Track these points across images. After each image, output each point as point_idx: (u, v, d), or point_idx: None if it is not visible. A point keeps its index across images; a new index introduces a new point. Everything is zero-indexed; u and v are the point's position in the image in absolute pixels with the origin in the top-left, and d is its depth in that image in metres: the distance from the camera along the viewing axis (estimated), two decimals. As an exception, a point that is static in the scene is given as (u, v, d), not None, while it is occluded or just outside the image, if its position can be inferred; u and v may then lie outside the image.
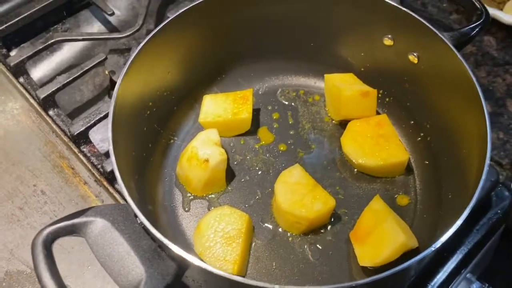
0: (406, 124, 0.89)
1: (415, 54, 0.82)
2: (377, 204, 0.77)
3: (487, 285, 0.86)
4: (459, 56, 0.72)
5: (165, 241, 0.56)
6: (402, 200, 0.82)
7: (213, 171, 0.79)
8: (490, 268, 0.93)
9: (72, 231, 0.59)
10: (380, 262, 0.71)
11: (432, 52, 0.78)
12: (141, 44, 0.76)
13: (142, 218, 0.58)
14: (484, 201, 0.85)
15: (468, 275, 0.84)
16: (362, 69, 0.92)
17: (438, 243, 0.59)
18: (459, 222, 0.59)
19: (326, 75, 0.90)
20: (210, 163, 0.78)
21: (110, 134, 0.66)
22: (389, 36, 0.84)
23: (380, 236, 0.72)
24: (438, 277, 0.79)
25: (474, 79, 0.69)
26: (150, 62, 0.79)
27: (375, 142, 0.83)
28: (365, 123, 0.85)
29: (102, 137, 0.95)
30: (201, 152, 0.79)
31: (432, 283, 0.78)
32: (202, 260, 0.71)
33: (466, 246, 0.82)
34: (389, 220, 0.72)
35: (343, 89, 0.85)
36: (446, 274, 0.79)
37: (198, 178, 0.80)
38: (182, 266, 0.58)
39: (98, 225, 0.59)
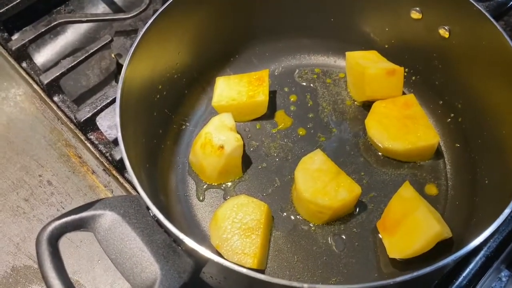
0: (435, 105, 0.83)
1: (446, 28, 0.76)
2: (406, 191, 0.71)
3: (516, 274, 0.81)
4: (498, 27, 0.65)
5: (181, 235, 0.51)
6: (431, 190, 0.77)
7: (229, 158, 0.74)
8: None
9: (79, 225, 0.54)
10: (412, 253, 0.66)
11: (466, 24, 0.72)
12: (148, 23, 0.70)
13: (155, 210, 0.53)
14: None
15: (498, 264, 0.79)
16: (386, 46, 0.85)
17: (483, 236, 0.53)
18: (507, 211, 0.53)
19: (347, 53, 0.83)
20: (226, 150, 0.73)
21: (118, 119, 0.61)
22: (417, 8, 0.78)
23: (411, 226, 0.67)
24: (470, 267, 0.73)
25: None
26: (158, 42, 0.73)
27: (402, 124, 0.77)
28: (391, 104, 0.79)
29: (110, 123, 0.90)
30: (215, 138, 0.74)
31: (464, 274, 0.73)
32: (219, 253, 0.67)
33: (500, 234, 0.76)
34: (421, 209, 0.67)
35: (367, 67, 0.79)
36: (479, 264, 0.74)
37: (213, 166, 0.75)
38: (199, 262, 0.53)
39: (108, 218, 0.54)
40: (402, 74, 0.80)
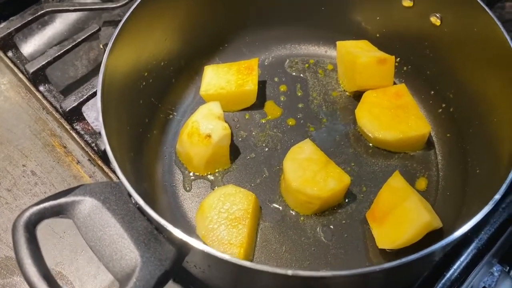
0: (426, 95, 0.82)
1: (437, 15, 0.74)
2: (396, 181, 0.70)
3: (508, 268, 0.80)
4: (491, 14, 0.64)
5: (163, 221, 0.50)
6: (420, 185, 0.75)
7: (216, 147, 0.73)
8: (510, 251, 0.86)
9: (58, 211, 0.53)
10: (401, 244, 0.65)
11: (458, 11, 0.70)
12: (131, 9, 0.69)
13: (136, 196, 0.52)
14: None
15: (490, 258, 0.77)
16: (378, 35, 0.84)
17: (471, 223, 0.52)
18: (497, 197, 0.52)
19: (338, 42, 0.82)
20: (213, 139, 0.71)
21: (99, 105, 0.59)
22: (409, -4, 0.76)
23: (401, 216, 0.65)
24: (461, 259, 0.72)
25: (509, 39, 0.62)
26: (145, 27, 0.72)
27: (393, 114, 0.76)
28: (382, 94, 0.78)
29: (96, 114, 0.88)
30: (202, 127, 0.72)
31: (455, 266, 0.71)
32: (205, 243, 0.65)
33: (491, 226, 0.75)
34: (411, 198, 0.66)
35: (358, 56, 0.77)
36: (470, 256, 0.73)
37: (200, 155, 0.73)
38: (182, 250, 0.52)
39: (87, 205, 0.53)
40: (393, 63, 0.79)
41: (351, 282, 0.53)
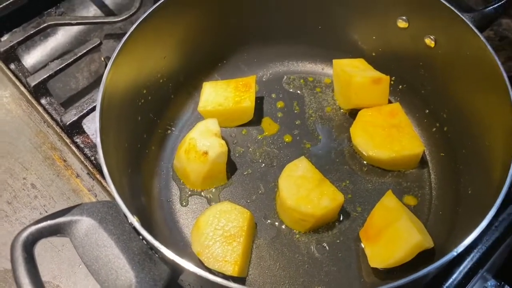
0: (421, 114, 0.83)
1: (432, 37, 0.75)
2: (389, 201, 0.71)
3: (502, 283, 0.81)
4: (482, 38, 0.65)
5: (156, 243, 0.51)
6: (409, 200, 0.77)
7: (213, 164, 0.74)
8: (505, 266, 0.87)
9: (56, 231, 0.54)
10: (393, 263, 0.66)
11: (451, 34, 0.72)
12: (134, 26, 0.70)
13: (131, 218, 0.53)
14: (505, 196, 0.79)
15: (484, 273, 0.78)
16: (374, 54, 0.85)
17: (461, 247, 0.53)
18: (484, 223, 0.53)
19: (334, 60, 0.83)
20: (210, 156, 0.73)
21: (98, 125, 0.60)
22: (404, 17, 0.78)
23: (393, 236, 0.67)
24: (454, 277, 0.73)
25: (499, 64, 0.63)
26: (144, 45, 0.73)
27: (388, 132, 0.77)
28: (376, 112, 0.79)
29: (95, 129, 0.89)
30: (199, 143, 0.73)
31: (448, 284, 0.72)
32: (200, 259, 0.66)
33: (484, 244, 0.76)
34: (403, 218, 0.67)
35: (354, 75, 0.79)
36: (462, 274, 0.74)
37: (197, 172, 0.74)
38: (175, 270, 0.53)
39: (85, 224, 0.54)
40: (388, 82, 0.80)
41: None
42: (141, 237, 0.54)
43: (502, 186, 0.57)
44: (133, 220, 0.53)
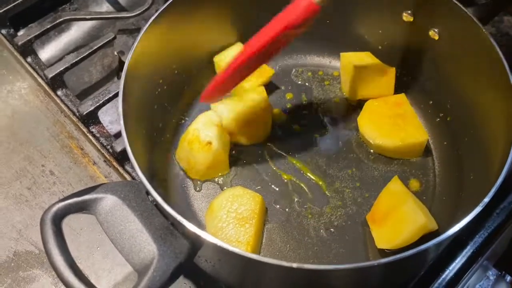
0: (425, 104, 0.86)
1: (435, 30, 0.79)
2: (395, 186, 0.74)
3: (503, 272, 0.84)
4: (484, 31, 0.69)
5: (179, 217, 0.54)
6: (413, 185, 0.80)
7: (216, 153, 0.77)
8: (506, 256, 0.90)
9: (82, 207, 0.57)
10: (399, 244, 0.69)
11: (455, 27, 0.75)
12: (150, 21, 0.73)
13: (154, 194, 0.56)
14: (506, 184, 0.82)
15: (484, 262, 0.81)
16: (380, 47, 0.88)
17: (462, 223, 0.56)
18: (486, 200, 0.56)
19: (342, 54, 0.87)
20: (213, 146, 0.76)
21: (120, 109, 0.63)
22: (409, 11, 0.81)
23: (399, 218, 0.70)
24: (456, 261, 0.76)
25: (500, 54, 0.66)
26: (159, 39, 0.76)
27: (393, 122, 0.80)
28: (382, 103, 0.82)
29: (111, 118, 0.93)
30: (203, 134, 0.76)
31: (450, 268, 0.75)
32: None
33: (486, 230, 0.79)
34: (409, 202, 0.70)
35: (361, 67, 0.82)
36: (464, 259, 0.76)
37: (200, 162, 0.77)
38: (195, 244, 0.56)
39: (109, 202, 0.57)
40: (394, 74, 0.83)
41: (351, 276, 0.57)
42: (162, 213, 0.57)
43: (501, 170, 0.60)
44: (156, 195, 0.56)
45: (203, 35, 0.85)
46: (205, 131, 0.76)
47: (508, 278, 0.83)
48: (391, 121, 0.80)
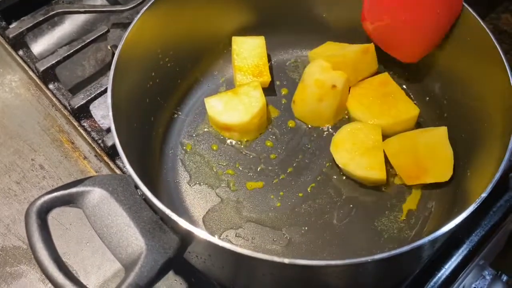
0: (421, 101, 0.85)
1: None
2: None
3: (499, 272, 0.83)
4: (482, 24, 0.67)
5: (167, 211, 0.53)
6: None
7: (341, 94, 0.80)
8: (502, 255, 0.89)
9: (68, 201, 0.55)
10: None
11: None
12: (142, 10, 0.72)
13: (143, 188, 0.55)
14: (502, 182, 0.81)
15: (480, 262, 0.80)
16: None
17: (459, 219, 0.55)
18: (484, 195, 0.55)
19: (310, 52, 0.87)
20: (338, 87, 0.78)
21: (109, 101, 0.62)
22: None
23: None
24: (452, 260, 0.75)
25: (498, 47, 0.65)
26: (152, 30, 0.75)
27: (382, 101, 0.80)
28: (367, 85, 0.82)
29: (103, 113, 0.91)
30: (326, 79, 0.78)
31: (446, 266, 0.74)
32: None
33: (482, 228, 0.78)
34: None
35: (343, 55, 0.82)
36: (460, 257, 0.76)
37: (330, 107, 0.81)
38: (185, 239, 0.55)
39: (96, 195, 0.56)
40: (374, 49, 0.82)
41: (344, 272, 0.56)
42: (151, 207, 0.56)
43: (499, 165, 0.58)
44: (144, 189, 0.54)
45: (197, 27, 0.83)
46: (326, 76, 0.78)
47: (505, 278, 0.82)
48: (379, 101, 0.80)
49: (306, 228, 0.73)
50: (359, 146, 0.76)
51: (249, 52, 0.85)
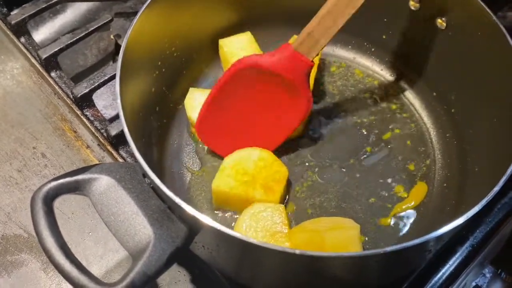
0: (428, 96, 0.84)
1: (443, 19, 0.77)
2: None
3: (499, 270, 0.83)
4: (495, 19, 0.67)
5: (177, 199, 0.52)
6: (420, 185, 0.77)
7: None
8: (503, 253, 0.89)
9: (75, 188, 0.54)
10: None
11: (463, 15, 0.73)
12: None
13: (152, 175, 0.54)
14: (507, 180, 0.81)
15: (482, 260, 0.80)
16: (384, 37, 0.87)
17: (470, 213, 0.54)
18: (496, 188, 0.55)
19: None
20: None
21: (117, 87, 0.61)
22: (416, -2, 0.79)
23: None
24: (456, 256, 0.75)
25: (511, 42, 0.64)
26: (160, 17, 0.74)
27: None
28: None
29: (105, 103, 0.91)
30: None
31: (450, 262, 0.74)
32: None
33: (486, 225, 0.78)
34: None
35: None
36: (464, 254, 0.75)
37: None
38: (193, 228, 0.54)
39: (103, 182, 0.55)
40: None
41: (352, 264, 0.55)
42: (159, 196, 0.55)
43: (510, 161, 0.58)
44: (154, 176, 0.53)
45: (204, 16, 0.82)
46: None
47: (504, 276, 0.82)
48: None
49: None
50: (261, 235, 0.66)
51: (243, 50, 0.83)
